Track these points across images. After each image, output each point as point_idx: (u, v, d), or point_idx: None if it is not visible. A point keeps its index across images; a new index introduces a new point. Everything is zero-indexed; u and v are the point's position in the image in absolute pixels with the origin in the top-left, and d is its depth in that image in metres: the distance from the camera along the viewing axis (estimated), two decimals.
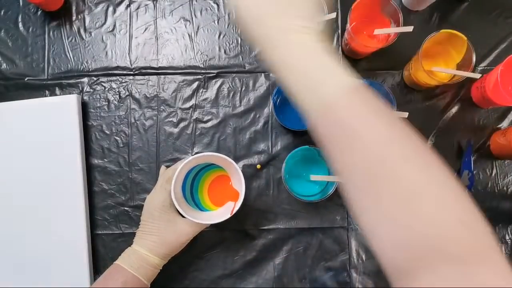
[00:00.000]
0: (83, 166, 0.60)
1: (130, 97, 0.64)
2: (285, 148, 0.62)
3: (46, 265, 0.59)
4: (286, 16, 0.34)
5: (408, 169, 0.29)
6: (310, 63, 0.32)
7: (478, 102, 0.63)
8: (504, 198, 0.62)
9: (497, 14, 0.65)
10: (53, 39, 0.65)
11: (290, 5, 0.34)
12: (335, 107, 0.31)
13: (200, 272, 0.61)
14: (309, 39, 0.33)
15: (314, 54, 0.32)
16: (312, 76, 0.32)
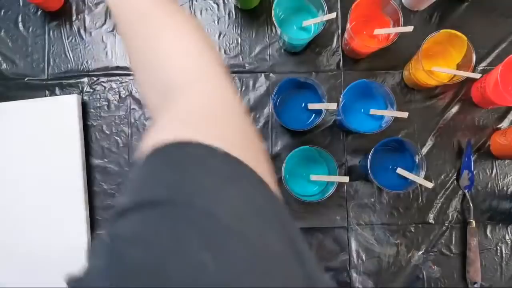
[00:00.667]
0: (83, 166, 0.60)
1: (130, 97, 0.64)
2: (285, 148, 0.62)
3: (46, 265, 0.59)
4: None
5: (157, 14, 0.31)
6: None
7: (478, 102, 0.63)
8: (504, 198, 0.62)
9: (497, 14, 0.65)
10: (53, 39, 0.65)
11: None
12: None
13: None
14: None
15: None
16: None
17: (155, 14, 0.32)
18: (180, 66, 0.29)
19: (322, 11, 0.56)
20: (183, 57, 0.30)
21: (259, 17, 0.65)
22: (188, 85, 0.28)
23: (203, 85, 0.28)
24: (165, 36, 0.31)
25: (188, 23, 0.32)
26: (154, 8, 0.32)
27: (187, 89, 0.27)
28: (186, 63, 0.29)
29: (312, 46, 0.64)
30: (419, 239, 0.61)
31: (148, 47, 0.31)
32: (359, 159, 0.63)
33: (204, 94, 0.27)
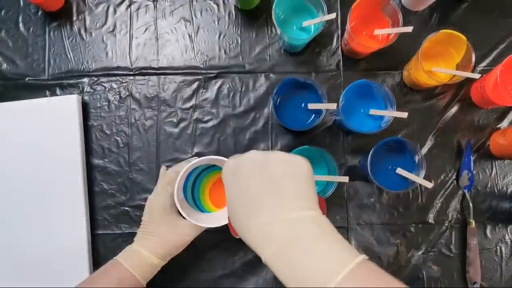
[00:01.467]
0: (83, 166, 0.61)
1: (130, 97, 0.64)
2: (285, 148, 0.63)
3: (46, 265, 0.59)
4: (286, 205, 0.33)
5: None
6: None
7: (478, 102, 0.63)
8: (503, 198, 0.63)
9: (497, 14, 0.65)
10: (54, 40, 0.65)
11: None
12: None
13: (200, 272, 0.61)
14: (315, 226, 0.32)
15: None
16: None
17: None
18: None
19: (322, 12, 0.56)
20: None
21: (259, 17, 0.65)
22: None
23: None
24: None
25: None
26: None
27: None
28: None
29: (312, 46, 0.64)
30: (419, 239, 0.62)
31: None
32: (359, 159, 0.63)
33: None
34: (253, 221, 0.33)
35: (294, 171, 0.35)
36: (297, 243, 0.31)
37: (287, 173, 0.35)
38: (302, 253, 0.31)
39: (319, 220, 0.33)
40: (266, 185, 0.34)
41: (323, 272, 0.29)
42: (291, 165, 0.35)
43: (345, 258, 0.30)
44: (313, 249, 0.31)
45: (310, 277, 0.29)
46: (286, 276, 0.31)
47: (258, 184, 0.34)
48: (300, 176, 0.35)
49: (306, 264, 0.30)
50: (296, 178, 0.35)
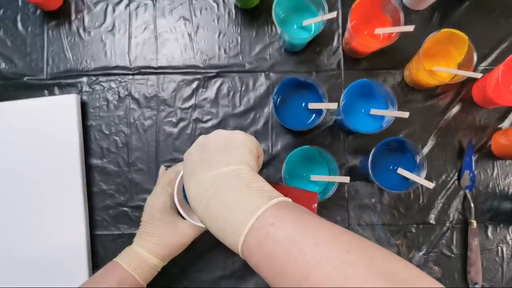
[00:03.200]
0: (82, 166, 0.60)
1: (129, 97, 0.64)
2: (285, 148, 0.62)
3: (46, 266, 0.58)
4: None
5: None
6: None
7: (479, 102, 0.63)
8: (505, 198, 0.62)
9: (498, 13, 0.64)
10: (52, 39, 0.64)
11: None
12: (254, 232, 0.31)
13: (200, 273, 0.61)
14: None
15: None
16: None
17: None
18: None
19: (323, 10, 0.56)
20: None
21: (259, 16, 0.65)
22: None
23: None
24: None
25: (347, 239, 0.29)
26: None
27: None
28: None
29: (313, 45, 0.64)
30: (420, 240, 0.61)
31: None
32: (360, 159, 0.62)
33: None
34: (189, 187, 0.37)
35: (226, 142, 0.39)
36: (216, 197, 0.34)
37: (219, 144, 0.39)
38: (220, 205, 0.33)
39: (239, 173, 0.35)
40: (201, 155, 0.38)
41: (238, 219, 0.31)
42: (224, 138, 0.39)
43: (260, 201, 0.32)
44: (229, 200, 0.33)
45: (228, 225, 0.32)
46: (213, 230, 0.34)
47: (196, 156, 0.39)
48: (231, 145, 0.38)
49: (224, 215, 0.33)
50: (226, 147, 0.38)
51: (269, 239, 0.30)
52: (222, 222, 0.33)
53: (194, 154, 0.40)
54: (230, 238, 0.32)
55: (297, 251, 0.28)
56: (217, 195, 0.34)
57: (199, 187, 0.36)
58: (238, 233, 0.31)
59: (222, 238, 0.34)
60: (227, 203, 0.33)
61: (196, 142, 0.41)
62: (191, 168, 0.38)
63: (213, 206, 0.34)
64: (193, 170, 0.38)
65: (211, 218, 0.34)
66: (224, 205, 0.33)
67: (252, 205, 0.32)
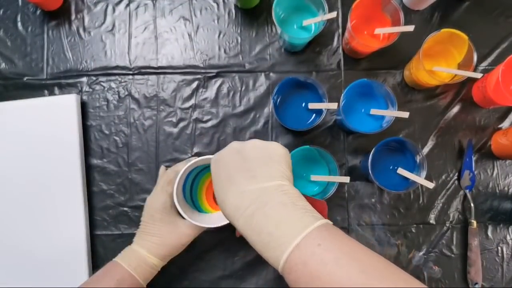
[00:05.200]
0: (82, 166, 0.60)
1: (129, 97, 0.64)
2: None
3: (46, 266, 0.58)
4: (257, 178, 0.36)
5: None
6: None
7: (479, 102, 0.63)
8: (505, 198, 0.62)
9: (498, 13, 0.64)
10: (52, 39, 0.64)
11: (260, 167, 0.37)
12: (297, 252, 0.31)
13: (200, 273, 0.61)
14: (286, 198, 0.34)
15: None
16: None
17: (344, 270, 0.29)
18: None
19: (323, 11, 0.56)
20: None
21: (259, 16, 0.65)
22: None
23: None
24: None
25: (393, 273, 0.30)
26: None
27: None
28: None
29: (313, 45, 0.64)
30: (420, 240, 0.61)
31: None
32: (360, 159, 0.62)
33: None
34: (228, 195, 0.36)
35: (266, 154, 0.38)
36: (262, 211, 0.33)
37: (259, 155, 0.38)
38: (266, 219, 0.33)
39: (285, 189, 0.35)
40: (240, 163, 0.38)
41: (284, 235, 0.31)
42: (263, 149, 0.39)
43: (307, 221, 0.32)
44: (276, 215, 0.33)
45: (272, 240, 0.32)
46: (253, 242, 0.34)
47: (233, 163, 0.38)
48: (272, 158, 0.38)
49: (269, 229, 0.32)
50: (268, 159, 0.38)
51: (315, 259, 0.30)
52: (266, 236, 0.32)
53: (229, 160, 0.38)
54: (272, 253, 0.32)
55: (344, 275, 0.28)
56: (263, 209, 0.34)
57: (242, 198, 0.35)
58: (282, 249, 0.31)
59: (262, 251, 0.33)
60: (274, 218, 0.33)
61: (230, 147, 0.40)
62: (227, 174, 0.37)
63: (257, 219, 0.33)
64: (231, 177, 0.37)
65: (253, 230, 0.33)
66: (270, 220, 0.33)
67: (299, 224, 0.32)
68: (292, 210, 0.33)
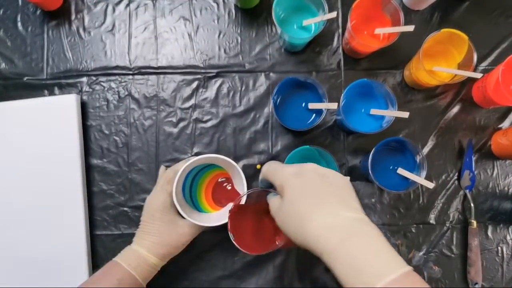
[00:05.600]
0: (82, 166, 0.60)
1: (129, 97, 0.64)
2: (285, 148, 0.62)
3: (46, 266, 0.58)
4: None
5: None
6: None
7: (479, 102, 0.63)
8: (505, 198, 0.62)
9: (498, 13, 0.64)
10: (52, 39, 0.64)
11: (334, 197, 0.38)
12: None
13: (200, 273, 0.61)
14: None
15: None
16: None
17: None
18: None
19: (323, 11, 0.56)
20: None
21: (259, 16, 0.65)
22: None
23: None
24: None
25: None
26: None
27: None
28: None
29: (313, 45, 0.64)
30: (420, 240, 0.61)
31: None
32: (360, 159, 0.62)
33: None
34: (316, 212, 0.36)
35: (345, 183, 0.40)
36: (357, 238, 0.34)
37: (341, 183, 0.40)
38: (361, 247, 0.33)
39: (372, 226, 0.36)
40: (328, 187, 0.38)
41: (376, 269, 0.32)
42: (344, 181, 0.40)
43: (397, 262, 0.33)
44: (370, 247, 0.34)
45: (363, 271, 0.32)
46: (342, 269, 0.33)
47: (321, 185, 0.39)
48: (351, 188, 0.40)
49: (363, 258, 0.33)
50: (348, 188, 0.39)
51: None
52: (361, 262, 0.33)
53: (317, 181, 0.39)
54: (365, 278, 0.32)
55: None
56: (360, 235, 0.34)
57: (336, 219, 0.35)
58: (378, 279, 0.31)
59: (350, 275, 0.33)
60: (372, 249, 0.33)
61: (309, 169, 0.40)
62: (317, 193, 0.38)
63: (355, 244, 0.34)
64: (322, 198, 0.37)
65: (349, 253, 0.33)
66: (368, 249, 0.33)
67: (391, 262, 0.33)
68: (382, 246, 0.34)
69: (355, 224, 0.35)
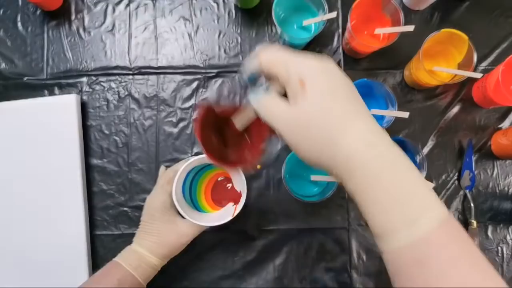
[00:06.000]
0: (82, 166, 0.60)
1: (129, 97, 0.64)
2: (285, 148, 0.62)
3: (46, 266, 0.58)
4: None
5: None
6: (397, 183, 0.28)
7: (479, 102, 0.63)
8: (505, 198, 0.62)
9: (498, 13, 0.64)
10: (52, 39, 0.64)
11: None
12: (423, 244, 0.27)
13: (200, 273, 0.61)
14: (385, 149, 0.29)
15: (398, 170, 0.28)
16: (403, 202, 0.27)
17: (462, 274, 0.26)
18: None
19: (323, 11, 0.56)
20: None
21: (259, 16, 0.65)
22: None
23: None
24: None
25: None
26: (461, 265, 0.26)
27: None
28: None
29: (313, 45, 0.64)
30: None
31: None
32: None
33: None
34: (351, 123, 0.29)
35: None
36: (402, 163, 0.28)
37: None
38: (407, 175, 0.28)
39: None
40: (357, 94, 0.31)
41: (425, 202, 0.27)
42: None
43: (438, 201, 0.28)
44: (416, 178, 0.28)
45: (408, 203, 0.27)
46: (379, 196, 0.28)
47: (352, 90, 0.31)
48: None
49: (404, 185, 0.27)
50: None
51: (441, 257, 0.27)
52: (400, 191, 0.27)
53: (345, 81, 0.31)
54: (401, 216, 0.27)
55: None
56: (406, 160, 0.28)
57: (372, 132, 0.29)
58: (415, 224, 0.27)
59: (383, 201, 0.28)
60: (412, 176, 0.28)
61: (336, 66, 0.32)
62: (349, 99, 0.30)
63: (400, 168, 0.28)
64: (355, 106, 0.30)
65: (388, 169, 0.28)
66: (409, 175, 0.28)
67: (439, 203, 0.28)
68: (422, 180, 0.28)
69: (396, 147, 0.29)
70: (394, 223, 0.28)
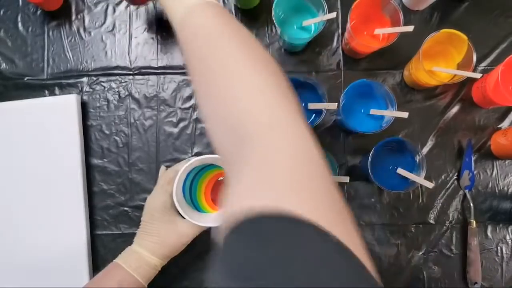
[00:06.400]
0: (82, 166, 0.60)
1: (129, 97, 0.64)
2: None
3: (46, 265, 0.58)
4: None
5: (228, 40, 0.31)
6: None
7: (479, 102, 0.63)
8: (504, 198, 0.62)
9: (498, 13, 0.65)
10: (53, 39, 0.65)
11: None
12: (192, 18, 0.34)
13: (200, 273, 0.61)
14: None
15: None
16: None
17: (225, 38, 0.31)
18: (253, 109, 0.26)
19: (322, 11, 0.56)
20: (255, 98, 0.27)
21: (259, 16, 0.65)
22: (264, 135, 0.25)
23: (280, 136, 0.25)
24: (235, 69, 0.29)
25: (260, 53, 0.30)
26: (224, 31, 0.31)
27: (264, 140, 0.24)
28: (259, 105, 0.26)
29: (312, 46, 0.64)
30: (420, 239, 0.61)
31: (214, 77, 0.29)
32: (360, 159, 0.62)
33: (283, 149, 0.24)
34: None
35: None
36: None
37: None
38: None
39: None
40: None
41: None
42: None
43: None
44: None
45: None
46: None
47: None
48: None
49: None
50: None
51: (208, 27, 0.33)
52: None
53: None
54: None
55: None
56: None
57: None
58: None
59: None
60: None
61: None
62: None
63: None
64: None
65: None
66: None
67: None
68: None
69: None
70: (175, 5, 0.36)
